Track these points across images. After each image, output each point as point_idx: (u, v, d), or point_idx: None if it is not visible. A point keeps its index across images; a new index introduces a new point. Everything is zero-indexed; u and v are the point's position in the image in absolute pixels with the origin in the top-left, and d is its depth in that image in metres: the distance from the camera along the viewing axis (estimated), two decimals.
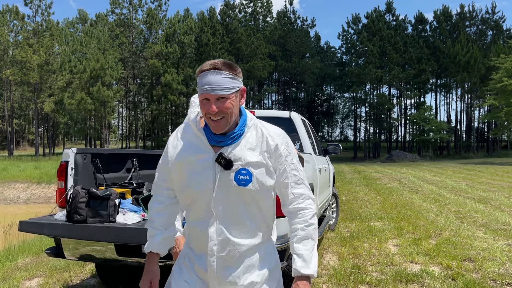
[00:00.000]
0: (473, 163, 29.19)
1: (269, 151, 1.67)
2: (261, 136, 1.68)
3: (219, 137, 1.64)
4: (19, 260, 6.18)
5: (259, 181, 1.64)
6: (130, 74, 48.28)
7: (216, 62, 1.63)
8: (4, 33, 40.73)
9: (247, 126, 1.68)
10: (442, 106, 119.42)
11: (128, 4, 48.03)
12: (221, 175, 1.63)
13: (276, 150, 1.68)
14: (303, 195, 1.71)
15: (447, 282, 4.28)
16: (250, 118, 1.72)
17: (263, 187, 1.65)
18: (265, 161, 1.66)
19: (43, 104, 40.85)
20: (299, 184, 1.71)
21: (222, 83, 1.59)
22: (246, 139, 1.67)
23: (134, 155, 4.58)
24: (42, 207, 19.11)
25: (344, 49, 55.57)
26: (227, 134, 1.64)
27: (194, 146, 1.69)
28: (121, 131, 61.59)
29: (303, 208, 1.71)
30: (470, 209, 8.66)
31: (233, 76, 1.61)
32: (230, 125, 1.64)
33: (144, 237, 3.18)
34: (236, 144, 1.65)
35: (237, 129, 1.66)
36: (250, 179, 1.62)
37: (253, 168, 1.63)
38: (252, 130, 1.69)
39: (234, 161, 1.62)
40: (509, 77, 32.36)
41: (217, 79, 1.59)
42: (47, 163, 30.81)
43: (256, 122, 1.72)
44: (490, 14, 52.26)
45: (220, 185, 1.63)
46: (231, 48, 44.94)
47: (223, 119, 1.60)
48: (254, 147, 1.66)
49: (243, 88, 1.67)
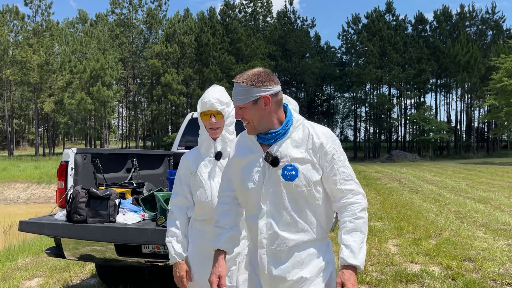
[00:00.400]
0: (473, 163, 29.18)
1: (314, 148, 1.78)
2: (307, 135, 1.80)
3: (264, 135, 1.80)
4: (19, 260, 6.18)
5: (305, 176, 1.75)
6: (130, 74, 48.27)
7: (240, 74, 1.80)
8: (4, 33, 40.71)
9: (293, 126, 1.81)
10: (442, 106, 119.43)
11: (128, 4, 48.04)
12: (269, 172, 1.77)
13: (322, 148, 1.78)
14: (352, 191, 1.79)
15: (447, 282, 4.28)
16: (297, 119, 1.85)
17: (309, 182, 1.75)
18: (311, 157, 1.77)
19: (43, 104, 40.85)
20: (348, 181, 1.79)
21: (239, 94, 1.77)
22: (292, 138, 1.79)
23: (134, 155, 4.58)
24: (42, 207, 19.10)
25: (344, 49, 55.52)
26: (269, 133, 1.79)
27: (248, 147, 1.87)
28: (121, 131, 61.59)
29: (352, 202, 1.78)
30: (470, 209, 8.65)
31: (249, 87, 1.75)
32: (262, 128, 1.79)
33: (144, 237, 3.17)
34: (281, 142, 1.78)
35: (279, 129, 1.79)
36: (296, 174, 1.74)
37: (299, 164, 1.76)
38: (299, 130, 1.82)
39: (281, 158, 1.76)
40: (509, 77, 32.33)
41: (235, 91, 1.78)
42: (47, 163, 30.80)
43: (304, 123, 1.85)
44: (490, 14, 52.24)
45: (269, 181, 1.77)
46: (231, 48, 44.93)
47: (249, 124, 1.79)
48: (300, 145, 1.78)
49: (264, 95, 1.76)
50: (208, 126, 2.30)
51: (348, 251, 1.71)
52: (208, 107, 2.27)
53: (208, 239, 2.31)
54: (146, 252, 3.31)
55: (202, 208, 2.32)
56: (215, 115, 2.28)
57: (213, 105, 2.27)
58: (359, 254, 1.70)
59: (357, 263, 1.69)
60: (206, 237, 2.32)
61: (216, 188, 2.28)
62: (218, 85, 2.42)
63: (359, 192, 1.80)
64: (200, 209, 2.33)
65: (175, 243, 2.29)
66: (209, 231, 2.31)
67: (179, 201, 2.37)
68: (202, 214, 2.33)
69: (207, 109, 2.28)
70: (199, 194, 2.31)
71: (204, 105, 2.28)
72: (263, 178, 1.79)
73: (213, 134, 2.32)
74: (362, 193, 1.81)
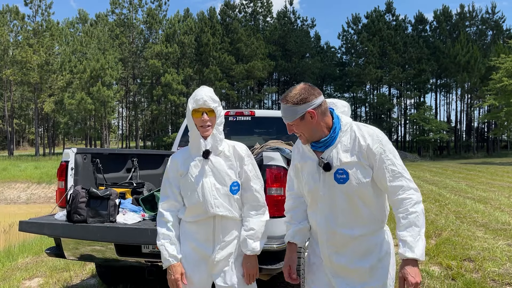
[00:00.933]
0: (473, 163, 29.17)
1: (361, 151, 1.91)
2: (354, 138, 1.94)
3: (316, 143, 1.98)
4: (19, 260, 6.18)
5: (355, 178, 1.90)
6: (130, 74, 48.26)
7: (284, 95, 1.96)
8: (4, 33, 40.70)
9: (341, 131, 1.96)
10: (442, 106, 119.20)
11: (128, 4, 48.02)
12: (324, 176, 1.96)
13: (369, 150, 1.90)
14: (402, 187, 1.88)
15: (447, 282, 4.28)
16: (344, 123, 1.98)
17: (360, 182, 1.90)
18: (359, 160, 1.91)
19: (43, 104, 40.84)
20: (398, 178, 1.89)
21: (286, 113, 1.94)
22: (342, 143, 1.94)
23: (134, 155, 4.58)
24: (42, 207, 19.10)
25: (344, 49, 55.52)
26: (320, 141, 1.96)
27: (305, 153, 2.06)
28: (121, 131, 61.57)
29: (404, 198, 1.88)
30: (470, 209, 8.65)
31: (293, 106, 1.91)
32: (315, 137, 1.96)
33: (144, 237, 3.17)
34: (332, 148, 1.95)
35: (327, 137, 1.95)
36: (347, 177, 1.91)
37: (349, 167, 1.91)
38: (347, 134, 1.96)
39: (332, 163, 1.93)
40: (509, 77, 32.32)
41: (283, 110, 1.96)
42: (47, 163, 30.80)
43: (352, 126, 1.98)
44: (490, 14, 52.22)
45: (324, 184, 1.96)
46: (231, 48, 44.90)
47: (301, 136, 1.98)
48: (349, 149, 1.93)
49: (309, 111, 1.90)
50: (199, 123, 2.29)
51: (404, 247, 1.83)
52: (201, 104, 2.27)
53: (201, 241, 2.32)
54: (146, 252, 3.31)
55: (194, 209, 2.29)
56: (207, 113, 2.28)
57: (207, 102, 2.27)
58: (415, 247, 1.81)
59: (415, 256, 1.81)
60: (199, 238, 2.32)
61: (207, 188, 2.27)
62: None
63: (409, 187, 1.89)
64: (192, 210, 2.30)
65: (168, 246, 2.27)
66: (202, 232, 2.31)
67: (169, 204, 2.34)
68: (194, 215, 2.31)
69: (200, 106, 2.27)
70: (190, 195, 2.28)
71: (197, 102, 2.28)
72: (319, 182, 1.97)
73: (204, 132, 2.29)
74: (414, 188, 1.90)
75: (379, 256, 1.98)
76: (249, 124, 5.21)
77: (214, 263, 2.32)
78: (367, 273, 1.97)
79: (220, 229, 2.32)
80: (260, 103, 53.23)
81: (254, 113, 5.12)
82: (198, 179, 2.28)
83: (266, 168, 3.17)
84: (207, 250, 2.32)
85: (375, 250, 1.98)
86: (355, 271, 1.97)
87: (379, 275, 1.98)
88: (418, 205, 1.87)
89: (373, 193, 1.94)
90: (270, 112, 5.46)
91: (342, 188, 1.92)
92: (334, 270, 2.02)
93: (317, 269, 2.12)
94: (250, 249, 2.31)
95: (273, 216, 3.21)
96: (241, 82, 45.88)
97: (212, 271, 2.35)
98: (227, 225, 2.33)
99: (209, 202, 2.26)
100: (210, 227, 2.31)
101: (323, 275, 2.09)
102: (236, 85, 47.37)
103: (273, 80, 56.55)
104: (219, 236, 2.32)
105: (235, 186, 2.33)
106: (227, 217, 2.31)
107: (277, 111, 5.97)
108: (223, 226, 2.32)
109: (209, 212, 2.27)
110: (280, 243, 3.13)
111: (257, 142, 4.87)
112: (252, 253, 2.33)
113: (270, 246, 3.08)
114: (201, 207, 2.27)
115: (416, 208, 1.86)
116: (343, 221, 1.95)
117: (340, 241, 1.97)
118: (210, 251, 2.32)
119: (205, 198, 2.25)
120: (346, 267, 1.97)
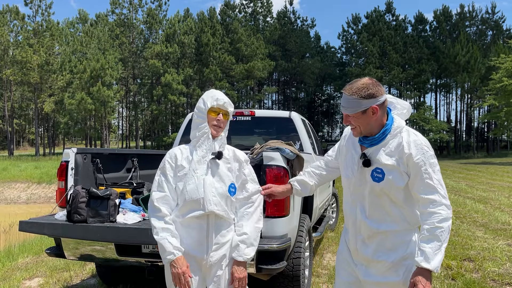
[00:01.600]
0: (473, 163, 29.16)
1: (402, 157, 1.96)
2: (400, 143, 1.99)
3: (363, 139, 2.06)
4: (19, 260, 6.18)
5: (390, 181, 1.97)
6: (130, 74, 48.25)
7: (349, 85, 2.02)
8: (4, 33, 40.68)
9: (390, 134, 2.01)
10: (442, 106, 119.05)
11: (128, 4, 48.00)
12: (361, 169, 2.05)
13: (410, 158, 1.95)
14: (434, 202, 1.92)
15: (447, 282, 4.28)
16: (395, 127, 2.03)
17: (393, 186, 1.97)
18: (398, 166, 1.97)
19: (43, 104, 40.83)
20: (432, 192, 1.92)
21: (348, 105, 1.99)
22: (387, 145, 2.01)
23: (134, 155, 4.58)
24: (43, 207, 19.11)
25: (344, 49, 55.52)
26: (368, 138, 2.03)
27: (352, 142, 2.16)
28: (121, 131, 61.57)
29: (433, 212, 1.91)
30: (470, 209, 8.66)
31: (359, 99, 1.95)
32: (367, 132, 2.02)
33: (144, 237, 3.18)
34: (377, 148, 2.02)
35: (376, 136, 2.01)
36: (383, 177, 1.98)
37: (387, 169, 1.98)
38: (395, 138, 2.01)
39: (372, 161, 2.01)
40: (509, 77, 32.31)
41: (345, 101, 2.01)
42: (47, 163, 30.80)
43: (402, 131, 2.02)
44: (490, 14, 52.20)
45: (360, 177, 2.07)
46: (231, 48, 44.90)
47: (355, 129, 2.04)
48: (392, 153, 1.99)
49: (373, 106, 1.96)
50: (213, 122, 2.31)
51: (421, 256, 1.88)
52: (221, 105, 2.32)
53: (194, 245, 2.27)
54: (146, 252, 3.32)
55: (191, 205, 2.25)
56: (223, 114, 2.33)
57: (226, 104, 2.34)
58: (432, 260, 1.86)
59: (429, 267, 1.86)
60: (192, 242, 2.27)
61: (209, 186, 2.25)
62: (218, 85, 2.44)
63: (441, 204, 1.91)
64: (188, 206, 2.25)
65: (170, 238, 2.19)
66: (194, 234, 2.27)
67: (165, 199, 2.27)
68: (189, 211, 2.26)
69: (219, 107, 2.32)
70: (190, 190, 2.24)
71: (218, 101, 2.32)
72: (356, 173, 2.08)
73: (216, 132, 2.32)
74: (446, 204, 1.92)
75: (404, 255, 2.03)
76: (249, 124, 5.21)
77: (208, 266, 2.29)
78: (389, 268, 2.03)
79: (214, 229, 2.28)
80: (260, 103, 53.23)
81: (254, 113, 5.12)
82: (200, 175, 2.27)
83: (266, 168, 3.17)
84: (201, 253, 2.28)
85: (401, 247, 2.03)
86: (378, 263, 2.05)
87: (401, 272, 2.03)
88: (446, 222, 1.90)
89: (404, 198, 2.00)
90: (270, 112, 5.46)
91: (375, 186, 2.00)
92: (359, 259, 2.12)
93: (343, 258, 2.24)
94: (242, 254, 2.27)
95: (273, 216, 3.21)
96: (241, 82, 45.88)
97: (205, 276, 2.33)
98: (221, 226, 2.31)
99: (208, 198, 2.24)
100: (204, 227, 2.28)
101: (347, 265, 2.21)
102: (236, 85, 47.37)
103: (273, 80, 56.55)
104: (212, 236, 2.28)
105: (233, 188, 2.33)
106: (222, 217, 2.29)
107: (277, 111, 5.97)
108: (217, 227, 2.29)
109: (206, 209, 2.24)
110: (280, 243, 3.13)
111: (257, 142, 4.88)
112: (243, 259, 2.28)
113: (270, 246, 3.08)
114: (199, 202, 2.24)
115: (443, 224, 1.89)
116: (371, 214, 2.04)
117: (367, 233, 2.06)
118: (204, 254, 2.28)
119: (206, 195, 2.24)
120: (370, 258, 2.06)
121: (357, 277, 2.16)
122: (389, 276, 2.04)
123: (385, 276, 2.05)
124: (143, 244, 3.27)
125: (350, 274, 2.20)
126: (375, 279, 2.07)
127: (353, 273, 2.18)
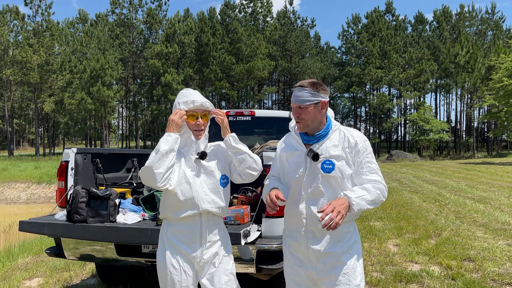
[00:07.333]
0: (473, 163, 29.16)
1: (349, 146, 2.16)
2: (344, 136, 2.19)
3: (309, 137, 2.20)
4: (19, 260, 6.18)
5: (340, 169, 2.13)
6: (130, 74, 48.24)
7: (302, 81, 2.18)
8: (4, 33, 40.68)
9: (332, 130, 2.20)
10: (442, 106, 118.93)
11: (128, 4, 48.00)
12: (310, 165, 2.16)
13: (356, 146, 2.16)
14: (376, 180, 2.13)
15: (447, 282, 4.28)
16: (335, 124, 2.24)
17: (343, 174, 2.13)
18: (345, 155, 2.15)
19: (43, 104, 40.83)
20: (373, 173, 2.15)
21: (303, 96, 2.13)
22: (331, 139, 2.18)
23: (134, 155, 4.59)
24: (43, 207, 19.11)
25: (344, 49, 55.47)
26: (314, 135, 2.18)
27: (293, 145, 2.27)
28: (121, 131, 61.56)
29: (374, 182, 2.12)
30: (470, 209, 8.66)
31: (315, 92, 2.13)
32: (312, 127, 2.17)
33: (144, 237, 3.18)
34: (322, 142, 2.17)
35: (322, 131, 2.18)
36: (333, 167, 2.13)
37: (336, 159, 2.14)
38: (336, 133, 2.21)
39: (321, 154, 2.14)
40: (509, 77, 32.31)
41: (300, 93, 2.15)
42: (47, 163, 30.79)
43: (340, 127, 2.24)
44: (490, 14, 52.23)
45: (310, 173, 2.16)
46: (231, 48, 44.88)
47: (303, 122, 2.16)
48: (337, 145, 2.17)
49: (323, 101, 2.15)
50: (193, 127, 2.33)
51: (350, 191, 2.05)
52: (198, 106, 2.30)
53: (188, 243, 2.31)
54: (146, 252, 3.32)
55: (185, 205, 2.28)
56: (201, 117, 2.33)
57: (204, 103, 2.33)
58: (356, 195, 2.02)
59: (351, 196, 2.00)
60: (186, 241, 2.30)
61: (200, 186, 2.30)
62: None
63: (380, 182, 2.13)
64: (182, 206, 2.28)
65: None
66: (187, 232, 2.31)
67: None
68: (183, 211, 2.28)
69: (197, 108, 2.30)
70: (182, 189, 2.28)
71: (193, 103, 2.30)
72: (305, 170, 2.17)
73: (198, 135, 2.35)
74: (384, 184, 2.15)
75: (350, 244, 2.18)
76: (249, 124, 5.22)
77: (201, 265, 2.34)
78: (338, 258, 2.15)
79: (207, 227, 2.34)
80: (260, 103, 53.20)
81: (254, 113, 5.12)
82: (190, 175, 2.31)
83: (266, 168, 3.17)
84: (194, 252, 2.32)
85: (347, 237, 2.18)
86: (328, 256, 2.15)
87: (348, 261, 2.16)
88: (381, 191, 2.11)
89: (349, 187, 2.14)
90: (270, 112, 5.47)
91: (326, 177, 2.13)
92: (312, 257, 2.18)
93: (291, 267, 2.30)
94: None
95: (272, 216, 3.21)
96: (241, 82, 45.84)
97: (198, 274, 2.37)
98: (213, 224, 2.38)
99: (201, 197, 2.29)
100: (197, 225, 2.32)
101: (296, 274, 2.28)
102: (236, 85, 47.34)
103: (273, 80, 56.50)
104: (205, 234, 2.34)
105: (224, 179, 2.40)
106: (214, 214, 2.36)
107: (277, 111, 5.96)
108: (209, 225, 2.36)
109: (200, 207, 2.29)
110: (280, 243, 3.13)
111: (257, 142, 4.88)
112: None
113: (270, 246, 3.08)
114: (193, 202, 2.28)
115: (377, 190, 2.10)
116: (322, 207, 2.07)
117: (318, 226, 2.10)
118: (197, 252, 2.33)
119: (198, 193, 2.29)
120: (321, 251, 2.15)
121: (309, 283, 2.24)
122: (338, 267, 2.15)
123: (334, 268, 2.15)
124: (143, 244, 3.27)
125: (299, 283, 2.26)
126: (328, 273, 2.15)
127: (304, 280, 2.24)
